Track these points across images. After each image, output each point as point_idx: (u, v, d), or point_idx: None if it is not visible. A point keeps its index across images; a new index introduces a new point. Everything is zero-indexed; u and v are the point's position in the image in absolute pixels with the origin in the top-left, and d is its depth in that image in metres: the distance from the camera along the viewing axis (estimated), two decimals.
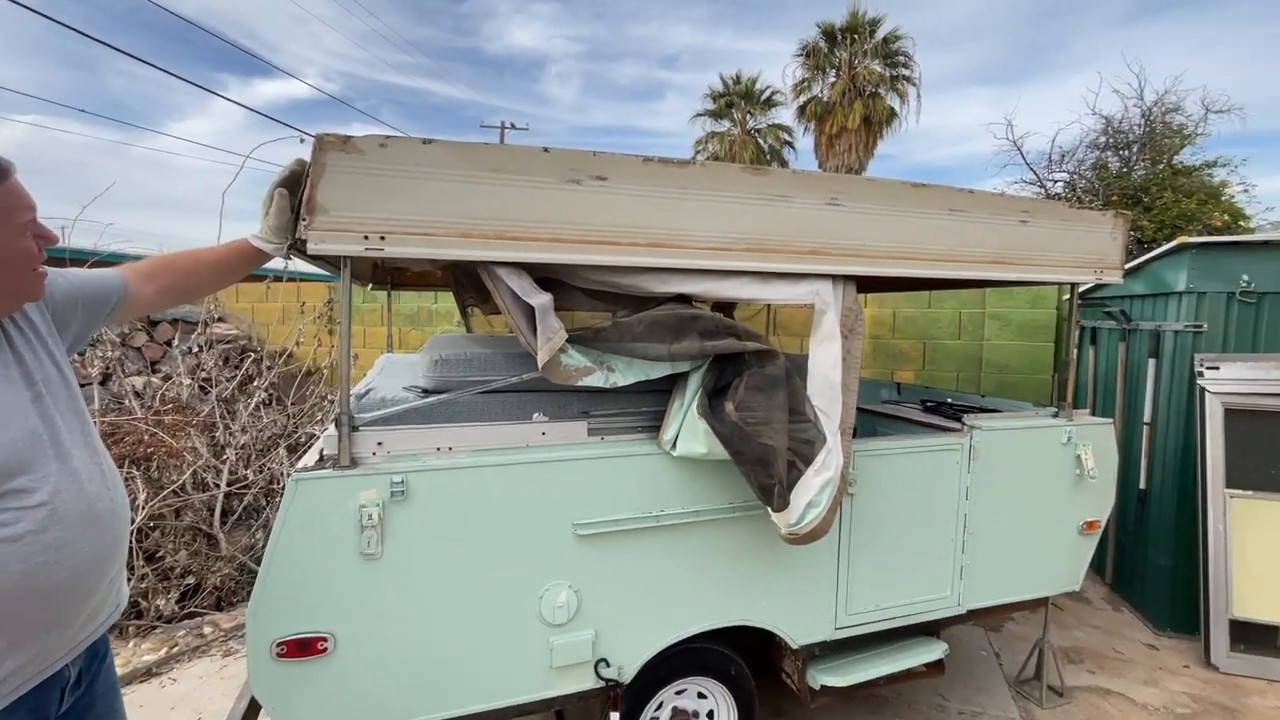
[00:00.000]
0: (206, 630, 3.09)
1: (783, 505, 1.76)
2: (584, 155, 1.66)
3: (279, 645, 1.54)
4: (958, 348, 4.80)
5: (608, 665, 1.85)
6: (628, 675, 1.89)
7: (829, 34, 19.55)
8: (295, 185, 1.56)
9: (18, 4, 6.19)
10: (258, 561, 3.88)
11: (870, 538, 2.17)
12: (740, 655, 2.14)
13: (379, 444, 1.65)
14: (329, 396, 5.71)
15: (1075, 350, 2.56)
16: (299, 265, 1.78)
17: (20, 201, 1.02)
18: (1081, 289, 2.60)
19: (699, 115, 21.92)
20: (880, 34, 19.19)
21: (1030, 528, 2.47)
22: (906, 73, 19.35)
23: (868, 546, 2.16)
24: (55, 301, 1.20)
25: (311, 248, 1.47)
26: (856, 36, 19.17)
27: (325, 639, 1.58)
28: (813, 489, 1.77)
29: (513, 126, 22.60)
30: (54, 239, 1.08)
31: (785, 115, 21.46)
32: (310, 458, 1.69)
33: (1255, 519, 3.10)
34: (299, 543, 1.54)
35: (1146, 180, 7.02)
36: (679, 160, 1.77)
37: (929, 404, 2.97)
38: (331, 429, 1.64)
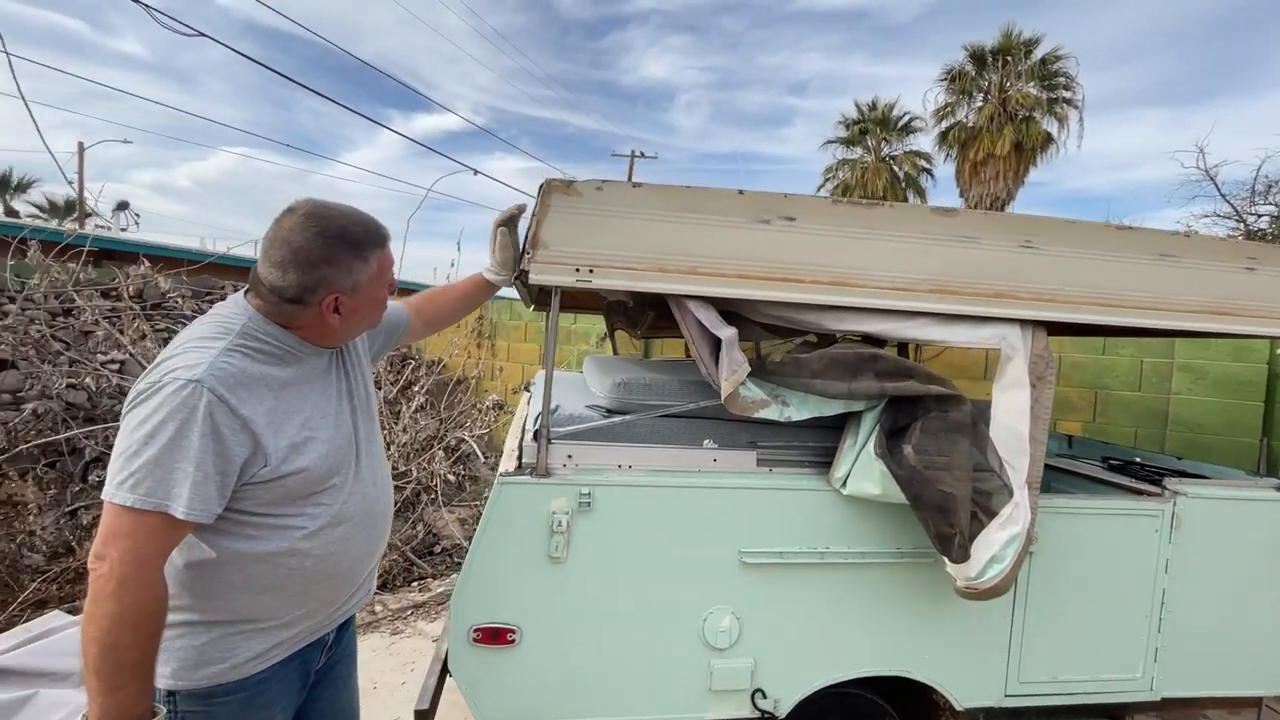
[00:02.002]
0: (377, 609, 3.45)
1: (962, 557, 1.70)
2: (775, 197, 1.74)
3: (475, 631, 1.72)
4: (1136, 400, 4.31)
5: (764, 696, 1.86)
6: (783, 710, 1.88)
7: (977, 56, 18.52)
8: (513, 225, 1.76)
9: (238, 53, 7.44)
10: (415, 551, 4.28)
11: (1050, 602, 2.02)
12: (894, 709, 2.06)
13: (569, 456, 1.81)
14: (477, 405, 6.19)
15: None
16: None
17: (390, 260, 1.27)
18: None
19: (829, 142, 21.55)
20: (1037, 54, 17.88)
21: (1246, 614, 2.17)
22: (1067, 94, 17.83)
23: (1047, 611, 2.01)
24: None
25: (533, 279, 1.65)
26: (1009, 58, 18.00)
27: (513, 631, 1.73)
28: (996, 544, 1.69)
29: (642, 155, 23.44)
30: (395, 285, 1.32)
31: (924, 142, 20.53)
32: (509, 463, 1.88)
33: None
34: (498, 539, 1.72)
35: None
36: (867, 201, 1.80)
37: (1113, 462, 2.71)
38: (530, 438, 1.82)
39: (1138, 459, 2.76)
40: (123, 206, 14.29)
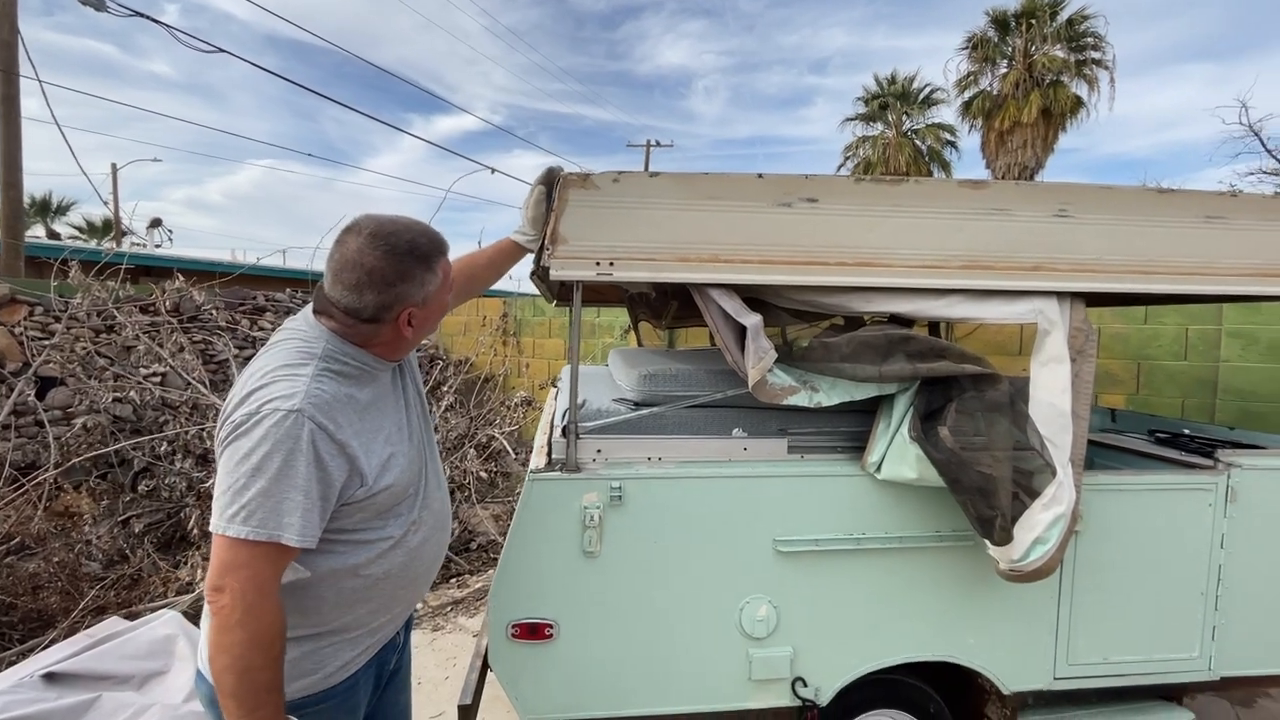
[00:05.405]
0: (418, 606, 3.52)
1: (1004, 539, 1.65)
2: (796, 179, 1.70)
3: (513, 627, 1.73)
4: (1183, 370, 4.15)
5: (805, 685, 1.84)
6: (824, 698, 1.86)
7: (1000, 22, 17.95)
8: (550, 183, 1.67)
9: (258, 67, 7.59)
10: (451, 548, 4.34)
11: (1097, 583, 1.96)
12: (939, 695, 2.03)
13: (598, 451, 1.80)
14: (505, 402, 6.25)
15: None
16: None
17: (450, 269, 1.27)
18: None
19: (849, 120, 21.08)
20: (1063, 16, 17.23)
21: None
22: (1096, 55, 17.17)
23: (1096, 591, 1.95)
24: None
25: (554, 274, 1.65)
26: (1034, 22, 17.38)
27: (551, 626, 1.74)
28: (1040, 525, 1.64)
29: (658, 144, 23.29)
30: (454, 288, 1.32)
31: (947, 114, 19.97)
32: (539, 460, 1.88)
33: None
34: (532, 535, 1.73)
35: None
36: (891, 178, 1.75)
37: (1160, 434, 2.61)
38: (558, 434, 1.82)
39: (1186, 431, 2.65)
40: (156, 224, 14.74)
